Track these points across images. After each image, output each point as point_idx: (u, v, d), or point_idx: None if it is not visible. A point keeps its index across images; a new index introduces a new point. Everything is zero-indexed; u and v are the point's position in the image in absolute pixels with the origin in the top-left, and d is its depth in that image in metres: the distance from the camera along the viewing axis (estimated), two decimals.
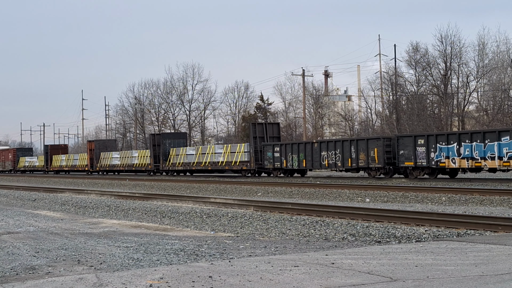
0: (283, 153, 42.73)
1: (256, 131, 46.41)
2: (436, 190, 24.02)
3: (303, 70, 70.57)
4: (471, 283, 6.44)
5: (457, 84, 64.80)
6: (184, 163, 53.50)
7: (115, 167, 65.80)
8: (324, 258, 8.29)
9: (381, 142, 35.97)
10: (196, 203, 22.89)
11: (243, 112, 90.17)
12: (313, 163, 40.46)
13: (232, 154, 47.73)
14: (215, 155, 49.77)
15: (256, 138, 45.98)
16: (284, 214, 17.67)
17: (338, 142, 39.27)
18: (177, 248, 11.17)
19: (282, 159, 42.83)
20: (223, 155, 48.73)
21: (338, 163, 38.41)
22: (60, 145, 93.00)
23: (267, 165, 44.23)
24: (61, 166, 78.47)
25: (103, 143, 73.91)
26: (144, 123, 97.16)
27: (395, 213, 16.30)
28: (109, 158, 67.04)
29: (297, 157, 41.53)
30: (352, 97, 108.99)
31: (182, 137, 60.97)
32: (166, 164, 55.58)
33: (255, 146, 45.47)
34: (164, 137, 58.43)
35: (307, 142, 41.96)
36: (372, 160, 36.31)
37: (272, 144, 44.29)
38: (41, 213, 21.59)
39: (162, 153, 56.43)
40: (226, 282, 6.69)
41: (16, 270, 9.00)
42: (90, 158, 70.83)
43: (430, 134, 34.36)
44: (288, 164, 42.30)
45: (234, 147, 48.64)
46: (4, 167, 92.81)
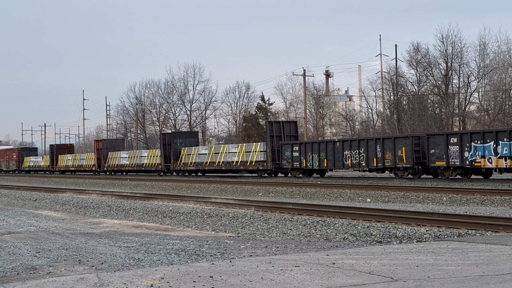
0: (302, 152, 41.45)
1: (273, 129, 44.87)
2: (437, 190, 24.02)
3: (304, 70, 70.61)
4: (472, 283, 6.44)
5: (458, 84, 64.83)
6: (197, 162, 52.05)
7: (123, 167, 64.14)
8: (325, 258, 8.29)
9: (409, 141, 34.63)
10: (197, 203, 22.89)
11: (244, 112, 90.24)
12: (335, 163, 39.13)
13: (248, 153, 46.42)
14: (229, 154, 48.44)
15: (273, 137, 44.46)
16: (285, 214, 17.67)
17: (363, 141, 37.88)
18: (178, 248, 11.17)
19: (301, 159, 41.55)
20: (237, 154, 47.40)
21: (362, 162, 37.17)
22: (66, 144, 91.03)
23: (285, 165, 42.97)
24: (67, 166, 76.93)
25: (111, 142, 72.20)
26: (145, 123, 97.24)
27: (396, 213, 16.29)
28: (117, 158, 65.39)
29: (317, 156, 40.26)
30: (353, 97, 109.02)
31: (193, 136, 59.20)
32: (178, 164, 54.23)
33: (272, 145, 44.00)
34: (175, 136, 56.73)
35: (329, 141, 40.75)
36: (399, 159, 35.04)
37: (291, 143, 42.90)
38: (42, 213, 21.60)
39: (173, 152, 54.94)
40: (227, 282, 6.69)
41: (17, 270, 9.01)
42: (97, 158, 69.24)
43: (464, 132, 33.01)
44: (308, 164, 41.03)
45: (250, 146, 47.30)
46: (8, 167, 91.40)
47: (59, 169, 78.25)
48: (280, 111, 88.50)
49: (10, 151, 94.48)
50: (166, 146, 55.67)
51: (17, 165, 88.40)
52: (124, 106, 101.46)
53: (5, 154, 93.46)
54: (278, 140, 44.30)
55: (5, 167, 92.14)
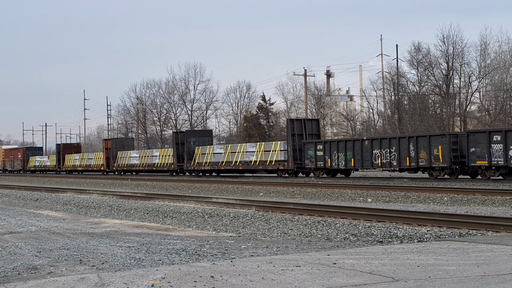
0: (327, 151, 39.56)
1: (294, 127, 42.74)
2: (438, 190, 24.01)
3: (305, 70, 70.62)
4: (473, 283, 6.43)
5: (459, 84, 64.85)
6: (212, 162, 50.23)
7: (133, 167, 61.97)
8: (326, 258, 8.29)
9: (446, 139, 32.73)
10: (198, 203, 22.90)
11: (245, 112, 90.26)
12: (363, 162, 37.28)
13: (266, 153, 44.71)
14: (246, 154, 46.68)
15: (294, 135, 42.35)
16: (286, 214, 17.67)
17: (394, 139, 36.10)
18: (179, 248, 11.17)
19: (326, 158, 39.63)
20: (255, 154, 45.61)
21: (393, 162, 35.42)
22: (73, 144, 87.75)
23: (308, 164, 41.01)
24: (74, 166, 74.58)
25: (120, 141, 69.75)
26: (146, 123, 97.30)
27: (397, 213, 16.29)
28: (127, 158, 63.36)
29: (343, 155, 38.39)
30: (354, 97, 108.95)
31: (207, 135, 56.78)
32: (191, 163, 52.39)
33: (293, 144, 42.09)
34: (189, 135, 54.52)
35: (356, 140, 38.83)
36: (435, 159, 33.12)
37: (314, 141, 41.03)
38: (43, 213, 21.61)
39: (186, 152, 53.01)
40: (228, 282, 6.69)
41: (18, 270, 9.01)
42: (106, 157, 66.90)
43: (508, 129, 30.99)
44: (333, 163, 39.18)
45: (269, 145, 45.52)
46: (13, 166, 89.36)
47: (65, 169, 76.30)
48: (281, 111, 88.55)
49: (15, 150, 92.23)
50: (179, 145, 54.07)
51: (22, 165, 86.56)
52: (125, 106, 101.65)
53: (10, 154, 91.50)
54: (300, 138, 42.45)
55: (9, 167, 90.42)
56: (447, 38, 63.23)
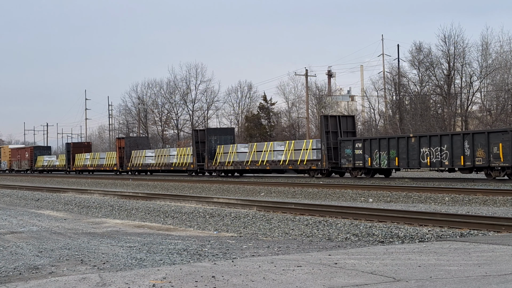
0: (367, 149, 36.91)
1: (329, 125, 40.05)
2: (439, 190, 24.00)
3: (306, 70, 70.62)
4: (474, 284, 6.43)
5: (460, 84, 64.87)
6: (235, 162, 47.42)
7: (149, 167, 59.16)
8: (327, 258, 8.29)
9: (509, 136, 29.86)
10: (199, 203, 22.90)
11: (246, 112, 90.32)
12: (409, 161, 34.60)
13: (297, 151, 42.16)
14: (274, 153, 44.27)
15: (329, 133, 39.74)
16: (287, 214, 17.67)
17: (446, 136, 33.36)
18: (180, 248, 11.17)
19: (365, 157, 37.00)
20: (284, 153, 43.16)
21: (444, 161, 32.68)
22: (83, 143, 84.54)
23: (344, 163, 38.41)
24: (85, 165, 71.62)
25: (134, 140, 66.74)
26: (147, 123, 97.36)
27: (398, 213, 16.28)
28: (142, 157, 60.37)
29: (386, 154, 35.70)
30: (355, 97, 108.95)
31: (229, 133, 53.88)
32: (213, 163, 49.67)
33: (327, 142, 39.46)
34: (210, 133, 51.58)
35: (401, 137, 36.05)
36: (495, 158, 30.40)
37: (353, 139, 38.38)
38: (44, 212, 21.62)
39: (207, 151, 50.27)
40: (229, 282, 6.69)
41: (19, 269, 9.01)
42: (119, 157, 63.76)
43: None
44: (373, 162, 36.58)
45: (299, 143, 43.08)
46: (20, 166, 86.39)
47: (76, 169, 73.51)
48: (282, 111, 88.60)
49: (22, 150, 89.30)
50: (198, 144, 51.40)
51: (29, 165, 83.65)
52: (126, 106, 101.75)
53: (17, 153, 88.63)
54: (334, 136, 39.85)
55: (16, 167, 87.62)
56: (449, 38, 63.34)
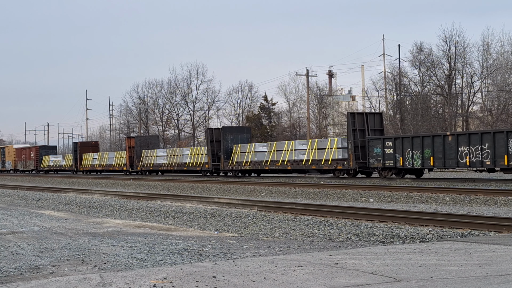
0: (398, 149, 34.89)
1: (356, 122, 37.90)
2: (440, 191, 23.99)
3: (307, 70, 70.60)
4: (475, 284, 6.43)
5: (461, 84, 64.85)
6: (254, 162, 45.45)
7: (160, 167, 57.07)
8: (328, 258, 8.29)
9: None
10: (200, 203, 22.90)
11: (247, 112, 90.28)
12: (445, 161, 32.47)
13: (321, 151, 40.15)
14: (295, 152, 42.23)
15: (356, 131, 37.66)
16: (288, 214, 17.67)
17: (487, 134, 31.10)
18: (181, 248, 11.18)
19: (396, 157, 34.98)
20: (307, 152, 41.13)
21: (486, 161, 30.69)
22: (91, 142, 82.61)
23: (373, 163, 36.36)
24: (93, 165, 69.69)
25: (145, 139, 64.93)
26: (148, 123, 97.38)
27: (399, 213, 16.28)
28: (153, 157, 58.39)
29: (420, 153, 33.60)
30: (356, 97, 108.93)
31: (246, 131, 51.85)
32: (229, 163, 47.85)
33: (354, 140, 37.45)
34: (226, 132, 49.86)
35: (437, 135, 34.09)
36: None
37: (382, 138, 36.38)
38: (45, 213, 21.63)
39: (223, 150, 48.48)
40: (230, 282, 6.70)
41: (20, 269, 9.02)
42: (129, 156, 62.01)
43: None
44: (405, 162, 34.56)
45: (323, 142, 41.20)
46: (25, 166, 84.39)
47: (83, 169, 71.44)
48: (283, 111, 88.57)
49: (27, 149, 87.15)
50: (213, 143, 49.64)
51: (35, 165, 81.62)
52: (127, 106, 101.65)
53: (22, 153, 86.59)
54: (361, 134, 37.77)
55: (21, 167, 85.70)
56: (449, 38, 63.28)
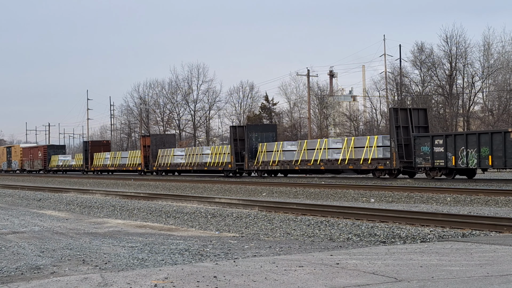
0: (450, 147, 32.29)
1: (399, 119, 35.50)
2: (441, 191, 23.99)
3: (308, 70, 70.58)
4: (476, 284, 6.43)
5: (462, 84, 64.86)
6: (282, 161, 43.62)
7: (178, 167, 54.85)
8: (329, 259, 8.29)
9: None
10: (201, 203, 22.91)
11: (248, 112, 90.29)
12: (506, 160, 29.90)
13: (358, 149, 37.98)
14: (329, 151, 40.01)
15: (399, 128, 35.35)
16: (289, 214, 17.67)
17: None
18: (182, 248, 11.17)
19: (448, 156, 32.46)
20: (343, 151, 38.90)
21: None
22: (102, 141, 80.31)
23: (420, 163, 33.86)
24: (105, 165, 67.29)
25: (161, 138, 62.27)
26: (149, 123, 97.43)
27: (400, 213, 16.28)
28: (170, 156, 56.13)
29: (476, 152, 31.03)
30: (357, 97, 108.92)
31: (271, 129, 49.50)
32: (254, 163, 45.75)
33: (397, 138, 35.06)
34: (250, 130, 47.35)
35: (496, 132, 31.25)
36: None
37: (431, 135, 33.97)
38: (46, 212, 21.63)
39: (248, 149, 46.28)
40: (231, 282, 6.70)
41: (21, 269, 9.02)
42: (144, 156, 59.60)
43: None
44: (459, 161, 31.93)
45: (361, 140, 38.76)
46: (32, 166, 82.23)
47: (94, 169, 69.40)
48: (284, 111, 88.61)
49: (35, 149, 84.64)
50: (237, 142, 47.35)
51: (43, 165, 79.42)
52: (128, 106, 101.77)
53: (29, 153, 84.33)
54: (405, 131, 35.45)
55: (28, 167, 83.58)
56: (450, 39, 63.28)
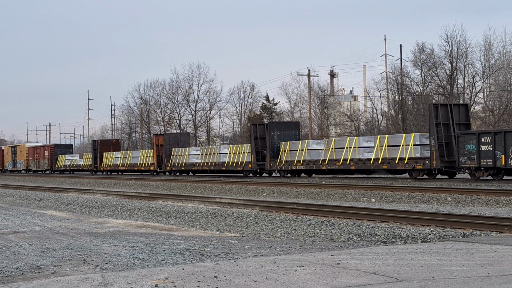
0: (499, 145, 29.99)
1: (439, 115, 33.28)
2: (442, 191, 23.98)
3: (308, 70, 70.55)
4: (477, 284, 6.43)
5: (463, 84, 64.85)
6: (307, 161, 41.33)
7: (194, 167, 52.77)
8: (329, 258, 8.29)
9: None
10: (201, 203, 22.91)
11: (248, 112, 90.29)
12: None
13: (392, 148, 35.68)
14: (359, 150, 37.90)
15: (439, 125, 33.13)
16: (289, 214, 17.67)
17: None
18: (182, 248, 11.18)
19: (496, 155, 30.18)
20: (375, 150, 36.70)
21: None
22: (111, 140, 77.86)
23: (464, 162, 31.42)
24: (115, 165, 65.07)
25: (175, 137, 59.97)
26: (150, 123, 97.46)
27: (401, 213, 16.27)
28: (185, 156, 53.88)
29: None
30: (357, 97, 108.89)
31: (294, 127, 47.21)
32: (277, 162, 43.64)
33: (438, 136, 32.91)
34: (272, 128, 45.11)
35: None
36: None
37: (477, 132, 31.62)
38: (47, 212, 21.64)
39: (269, 148, 44.06)
40: (232, 282, 6.70)
41: (22, 269, 9.02)
42: (157, 155, 57.55)
43: None
44: (509, 161, 29.76)
45: (396, 138, 36.38)
46: (38, 166, 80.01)
47: (104, 168, 67.26)
48: (285, 111, 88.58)
49: (41, 148, 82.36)
50: (258, 140, 45.33)
51: (49, 164, 77.20)
52: (129, 106, 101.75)
53: (35, 152, 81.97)
54: (446, 129, 33.33)
55: (34, 167, 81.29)
56: (451, 38, 63.23)
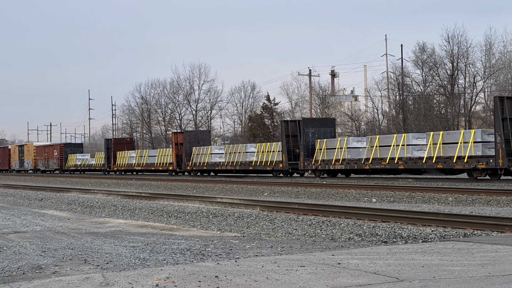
0: None
1: (505, 109, 29.95)
2: (443, 190, 23.96)
3: (309, 70, 70.55)
4: (478, 284, 6.42)
5: (464, 84, 64.85)
6: (347, 160, 38.27)
7: (217, 166, 49.78)
8: (330, 258, 8.29)
9: None
10: (202, 202, 22.91)
11: (249, 112, 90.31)
12: None
13: (448, 146, 32.41)
14: (408, 148, 34.61)
15: (506, 120, 29.93)
16: (290, 214, 17.66)
17: None
18: (183, 248, 11.18)
19: None
20: (427, 148, 33.30)
21: None
22: (125, 139, 74.91)
23: None
24: (130, 164, 62.39)
25: (195, 135, 56.89)
26: (151, 123, 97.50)
27: (402, 213, 16.27)
28: (207, 155, 51.04)
29: None
30: (358, 97, 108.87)
31: (329, 124, 43.62)
32: (312, 161, 40.56)
33: (504, 132, 29.70)
34: (306, 125, 41.84)
35: None
36: None
37: None
38: (48, 212, 21.64)
39: (303, 146, 40.95)
40: (232, 282, 6.70)
41: (23, 269, 9.02)
42: (176, 154, 54.69)
43: None
44: None
45: (452, 135, 32.97)
46: (47, 166, 77.99)
47: (118, 168, 64.55)
48: (286, 111, 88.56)
49: (50, 147, 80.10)
50: (289, 138, 42.40)
51: (59, 164, 75.22)
52: (130, 106, 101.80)
53: (43, 152, 79.91)
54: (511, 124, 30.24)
55: (43, 167, 79.26)
56: (452, 38, 63.26)
